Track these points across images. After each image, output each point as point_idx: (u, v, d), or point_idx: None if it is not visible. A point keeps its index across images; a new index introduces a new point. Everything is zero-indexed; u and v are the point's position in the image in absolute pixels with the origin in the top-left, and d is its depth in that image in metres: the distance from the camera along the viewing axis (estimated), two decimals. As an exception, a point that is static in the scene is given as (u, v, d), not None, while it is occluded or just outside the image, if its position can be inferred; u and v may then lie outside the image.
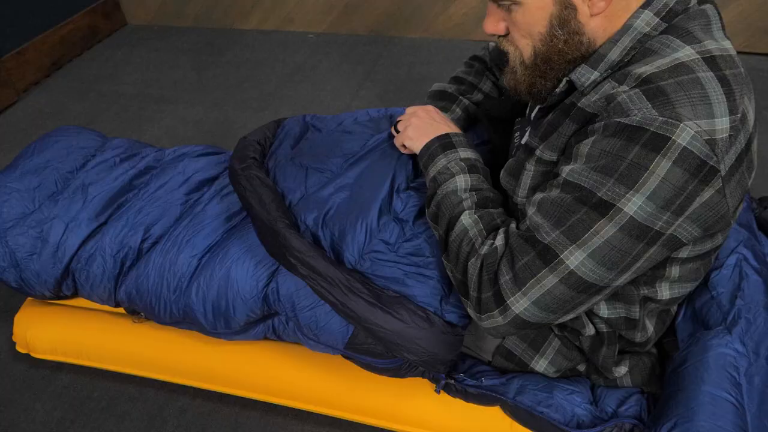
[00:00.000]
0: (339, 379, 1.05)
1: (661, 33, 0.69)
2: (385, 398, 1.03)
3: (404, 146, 0.99)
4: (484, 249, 0.76)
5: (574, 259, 0.68)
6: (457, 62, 2.40)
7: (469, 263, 0.77)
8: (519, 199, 0.80)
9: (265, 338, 1.06)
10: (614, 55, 0.70)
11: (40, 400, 1.17)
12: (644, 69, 0.66)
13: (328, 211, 0.99)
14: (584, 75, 0.72)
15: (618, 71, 0.70)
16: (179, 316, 1.06)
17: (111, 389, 1.18)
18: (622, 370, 0.90)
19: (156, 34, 2.72)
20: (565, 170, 0.70)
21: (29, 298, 1.24)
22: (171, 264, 1.06)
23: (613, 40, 0.70)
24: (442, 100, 1.11)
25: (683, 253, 0.73)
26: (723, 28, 0.72)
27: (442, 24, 2.47)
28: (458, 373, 0.96)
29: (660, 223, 0.65)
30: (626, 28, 0.70)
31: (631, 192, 0.64)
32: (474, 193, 0.83)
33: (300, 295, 0.95)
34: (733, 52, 0.69)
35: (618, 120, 0.65)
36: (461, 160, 0.87)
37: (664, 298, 0.80)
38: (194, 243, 1.07)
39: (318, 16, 2.58)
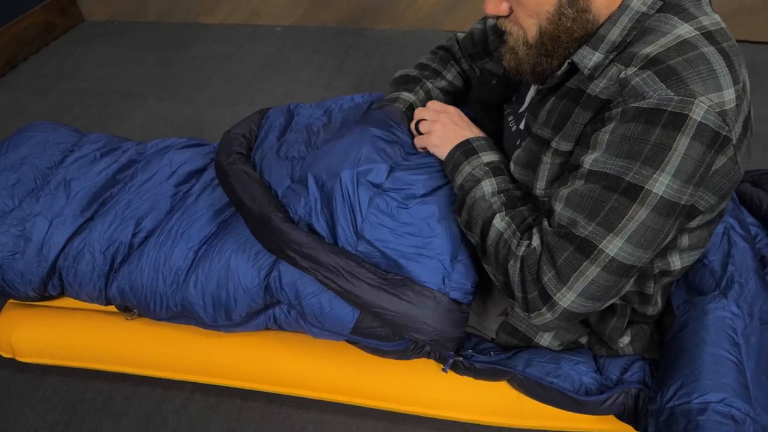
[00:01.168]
0: (342, 364, 1.04)
1: (657, 11, 0.71)
2: (391, 381, 1.03)
3: (423, 148, 0.98)
4: (522, 250, 0.77)
5: (613, 246, 0.70)
6: (428, 52, 2.41)
7: (509, 265, 0.78)
8: (538, 191, 0.81)
9: (266, 329, 1.05)
10: (614, 35, 0.72)
11: (29, 405, 1.12)
12: (649, 49, 0.68)
13: (314, 196, 0.95)
14: (586, 57, 0.73)
15: (621, 53, 0.72)
16: (177, 311, 1.03)
17: (104, 389, 1.14)
18: (625, 339, 0.93)
19: (116, 30, 2.63)
20: (587, 160, 0.71)
21: (10, 300, 1.19)
22: (166, 257, 1.03)
23: (612, 20, 0.72)
24: (405, 84, 1.11)
25: (694, 222, 0.76)
26: (710, 2, 0.75)
27: (411, 15, 2.48)
28: (465, 351, 0.97)
29: (685, 197, 0.68)
30: (624, 7, 0.72)
31: (657, 172, 0.66)
32: (502, 194, 0.84)
33: (303, 282, 0.94)
34: (724, 25, 0.72)
35: (635, 105, 0.67)
36: (485, 164, 0.88)
37: (676, 269, 0.84)
38: (189, 235, 1.05)
39: (286, 10, 2.55)
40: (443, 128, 0.95)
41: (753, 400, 0.79)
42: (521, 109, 0.91)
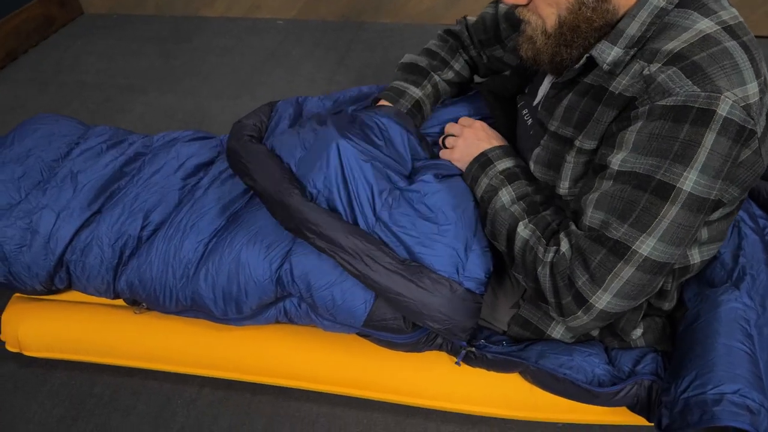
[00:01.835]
0: (353, 357, 1.04)
1: (676, 6, 0.71)
2: (402, 373, 1.03)
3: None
4: (550, 256, 0.77)
5: (647, 246, 0.70)
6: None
7: (538, 272, 0.79)
8: (562, 191, 0.81)
9: (277, 322, 1.04)
10: (633, 29, 0.72)
11: (36, 400, 1.12)
12: (672, 45, 0.68)
13: (335, 166, 0.93)
14: (605, 51, 0.73)
15: (642, 48, 0.71)
16: (186, 304, 1.03)
17: (112, 384, 1.13)
18: (638, 332, 0.93)
19: (115, 23, 2.61)
20: (614, 161, 0.71)
21: (16, 294, 1.18)
22: (176, 250, 1.02)
23: (631, 15, 0.72)
24: (413, 74, 1.10)
25: (715, 215, 0.77)
26: None
27: (412, 8, 2.46)
28: (478, 341, 0.97)
29: (714, 192, 0.68)
30: (643, 2, 0.71)
31: (687, 169, 0.66)
32: (521, 201, 0.85)
33: (315, 275, 0.94)
34: (741, 19, 0.72)
35: (662, 103, 0.66)
36: (500, 173, 0.89)
37: (695, 263, 0.84)
38: (199, 228, 1.04)
39: (286, 3, 2.54)
40: (465, 143, 0.97)
41: (767, 391, 0.79)
42: (535, 102, 0.91)
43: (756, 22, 2.19)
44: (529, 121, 0.92)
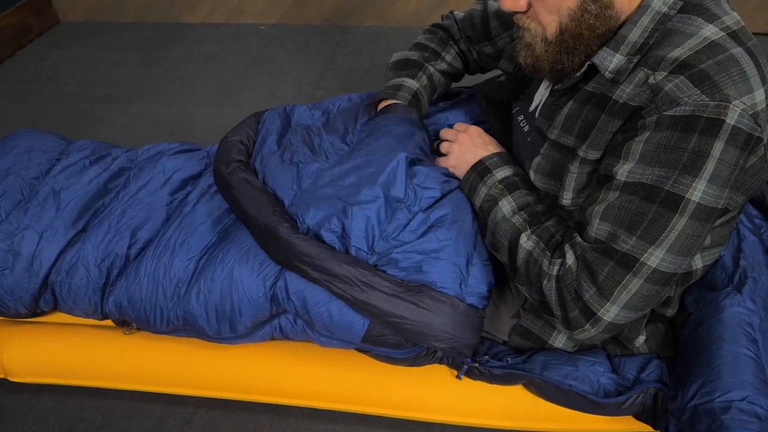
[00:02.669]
0: (351, 372, 1.02)
1: (679, 11, 0.70)
2: (402, 388, 1.01)
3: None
4: (555, 269, 0.76)
5: (655, 258, 0.69)
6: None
7: (544, 285, 0.77)
8: (565, 201, 0.79)
9: (272, 339, 1.02)
10: (635, 36, 0.70)
11: (24, 426, 1.08)
12: (678, 52, 0.67)
13: (326, 208, 0.93)
14: (607, 59, 0.71)
15: (646, 55, 0.70)
16: (178, 324, 0.99)
17: (102, 407, 1.10)
18: (641, 339, 0.92)
19: (94, 31, 2.55)
20: (621, 172, 0.69)
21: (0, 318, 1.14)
22: (166, 269, 0.99)
23: (633, 21, 0.70)
24: (406, 68, 1.08)
25: (719, 220, 0.75)
26: (728, 0, 0.74)
27: (397, 11, 2.44)
28: (480, 356, 0.95)
29: (722, 201, 0.67)
30: (644, 8, 0.70)
31: (696, 180, 0.65)
32: (522, 212, 0.83)
33: (312, 291, 0.91)
34: (743, 23, 0.71)
35: (670, 113, 0.65)
36: (499, 182, 0.86)
37: (698, 268, 0.83)
38: (189, 245, 1.01)
39: (269, 7, 2.50)
40: (460, 149, 0.95)
41: (775, 397, 0.78)
42: (531, 108, 0.89)
43: (743, 17, 2.20)
44: (526, 128, 0.90)
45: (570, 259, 0.74)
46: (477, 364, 0.93)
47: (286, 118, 1.21)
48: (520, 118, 0.93)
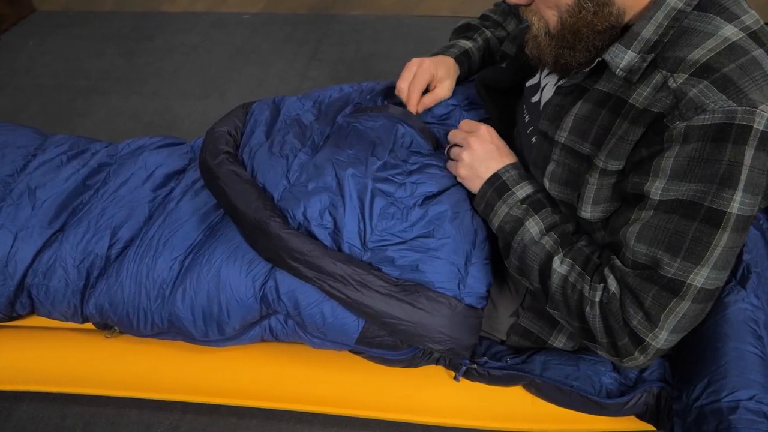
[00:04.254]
0: (345, 374, 0.99)
1: (695, 9, 0.67)
2: (398, 390, 0.98)
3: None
4: (598, 296, 0.72)
5: (701, 278, 0.66)
6: (405, 38, 2.36)
7: (586, 313, 0.73)
8: (585, 215, 0.75)
9: (262, 340, 0.98)
10: (648, 32, 0.67)
11: (1, 437, 1.04)
12: (698, 54, 0.64)
13: (317, 203, 0.89)
14: (618, 55, 0.68)
15: (662, 55, 0.67)
16: (163, 327, 0.95)
17: (84, 414, 1.06)
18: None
19: (71, 21, 2.48)
20: (654, 190, 0.66)
21: (-27, 323, 1.08)
22: (149, 270, 0.95)
23: (647, 17, 0.67)
24: (464, 32, 1.10)
25: None
26: None
27: (384, 0, 2.40)
28: (478, 356, 0.92)
29: (756, 208, 0.65)
30: (659, 3, 0.67)
31: (735, 192, 0.63)
32: (552, 232, 0.78)
33: (303, 292, 0.87)
34: (762, 22, 0.68)
35: (698, 123, 0.62)
36: (521, 201, 0.81)
37: None
38: (173, 244, 0.97)
39: (253, -5, 2.45)
40: (471, 157, 0.86)
41: (782, 395, 0.77)
42: (534, 99, 0.86)
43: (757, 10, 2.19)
44: (527, 118, 0.87)
45: (612, 284, 0.71)
46: (475, 365, 0.90)
47: (275, 108, 1.17)
48: (523, 109, 0.90)
